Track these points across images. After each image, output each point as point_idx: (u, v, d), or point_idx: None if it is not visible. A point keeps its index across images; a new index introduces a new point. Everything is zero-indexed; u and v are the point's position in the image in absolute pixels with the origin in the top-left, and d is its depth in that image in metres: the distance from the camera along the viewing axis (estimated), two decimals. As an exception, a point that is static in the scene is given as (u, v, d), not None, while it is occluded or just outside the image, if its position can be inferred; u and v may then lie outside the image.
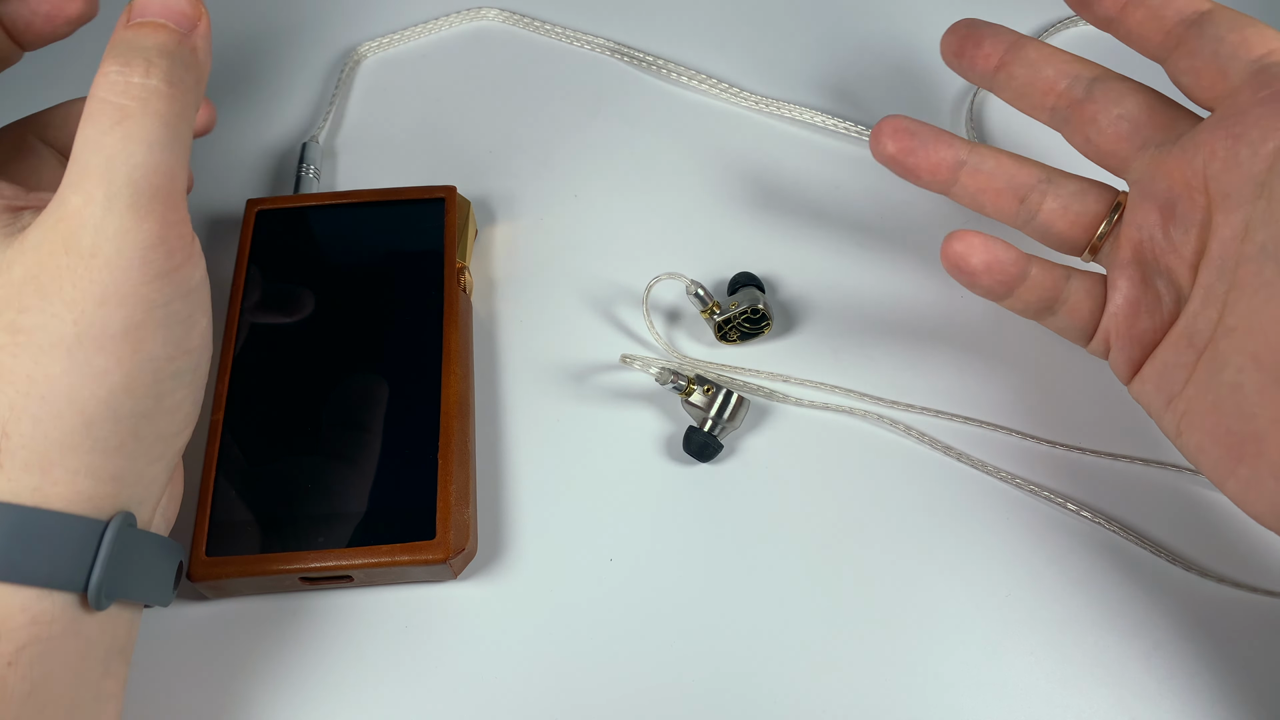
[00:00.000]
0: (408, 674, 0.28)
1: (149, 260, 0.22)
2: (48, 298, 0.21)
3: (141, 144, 0.22)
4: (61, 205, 0.22)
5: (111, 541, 0.22)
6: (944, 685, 0.28)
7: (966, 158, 0.30)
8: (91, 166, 0.22)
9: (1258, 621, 0.29)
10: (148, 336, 0.23)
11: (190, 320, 0.24)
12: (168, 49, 0.23)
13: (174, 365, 0.24)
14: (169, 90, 0.23)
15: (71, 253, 0.21)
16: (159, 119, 0.22)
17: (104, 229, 0.22)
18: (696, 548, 0.30)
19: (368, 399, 0.31)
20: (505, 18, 0.43)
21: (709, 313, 0.33)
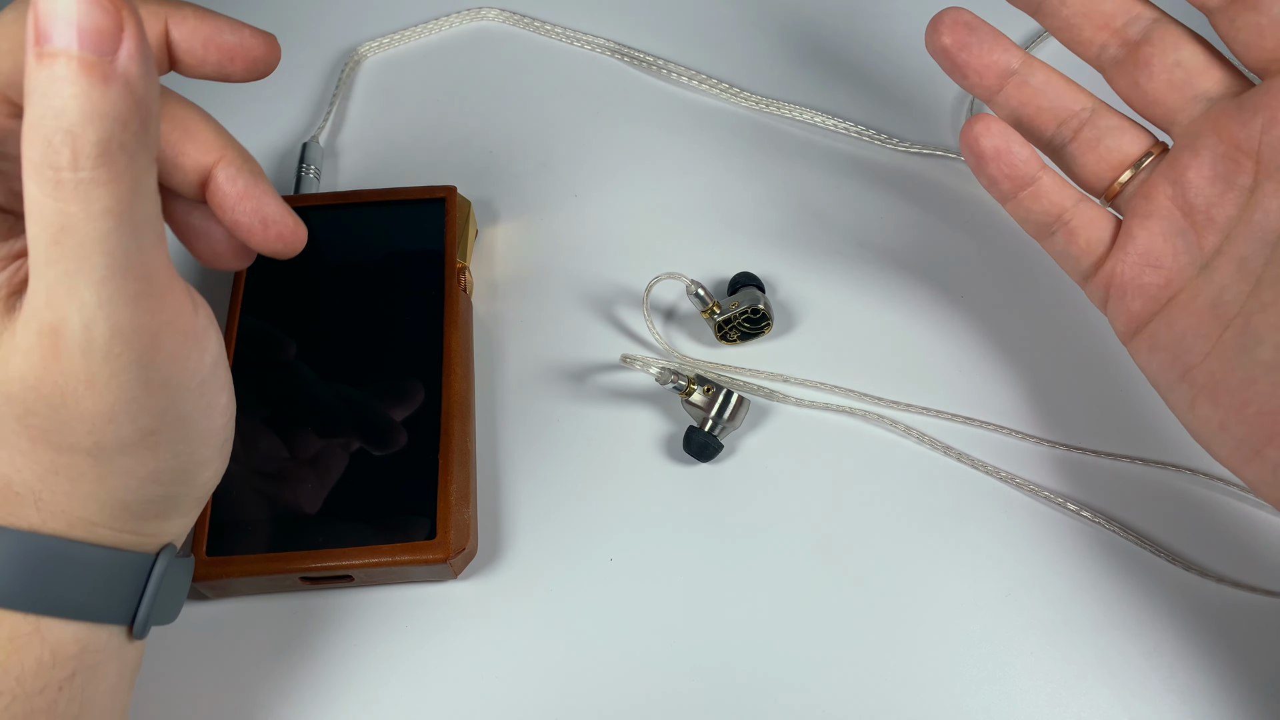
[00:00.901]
0: (408, 673, 0.28)
1: (150, 372, 0.20)
2: (54, 408, 0.19)
3: (100, 257, 0.18)
4: (38, 317, 0.19)
5: (159, 578, 0.23)
6: (944, 685, 0.28)
7: (1018, 68, 0.29)
8: (56, 285, 0.18)
9: (1258, 621, 0.29)
10: (168, 435, 0.21)
11: (209, 406, 0.22)
12: (93, 108, 0.17)
13: (202, 451, 0.22)
14: (110, 174, 0.17)
15: (67, 375, 0.19)
16: (110, 216, 0.18)
17: (92, 353, 0.19)
18: (696, 548, 0.30)
19: (368, 399, 0.31)
20: (505, 18, 0.43)
21: (709, 313, 0.33)
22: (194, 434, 0.21)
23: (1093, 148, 0.28)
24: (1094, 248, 0.28)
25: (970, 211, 0.37)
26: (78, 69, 0.17)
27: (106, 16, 0.17)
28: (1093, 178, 0.28)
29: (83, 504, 0.21)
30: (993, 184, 0.29)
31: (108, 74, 0.17)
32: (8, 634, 0.20)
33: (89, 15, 0.17)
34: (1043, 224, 0.29)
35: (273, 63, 0.25)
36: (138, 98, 0.17)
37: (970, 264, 0.36)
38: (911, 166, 0.39)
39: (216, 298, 0.35)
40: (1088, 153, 0.28)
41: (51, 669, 0.21)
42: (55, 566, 0.21)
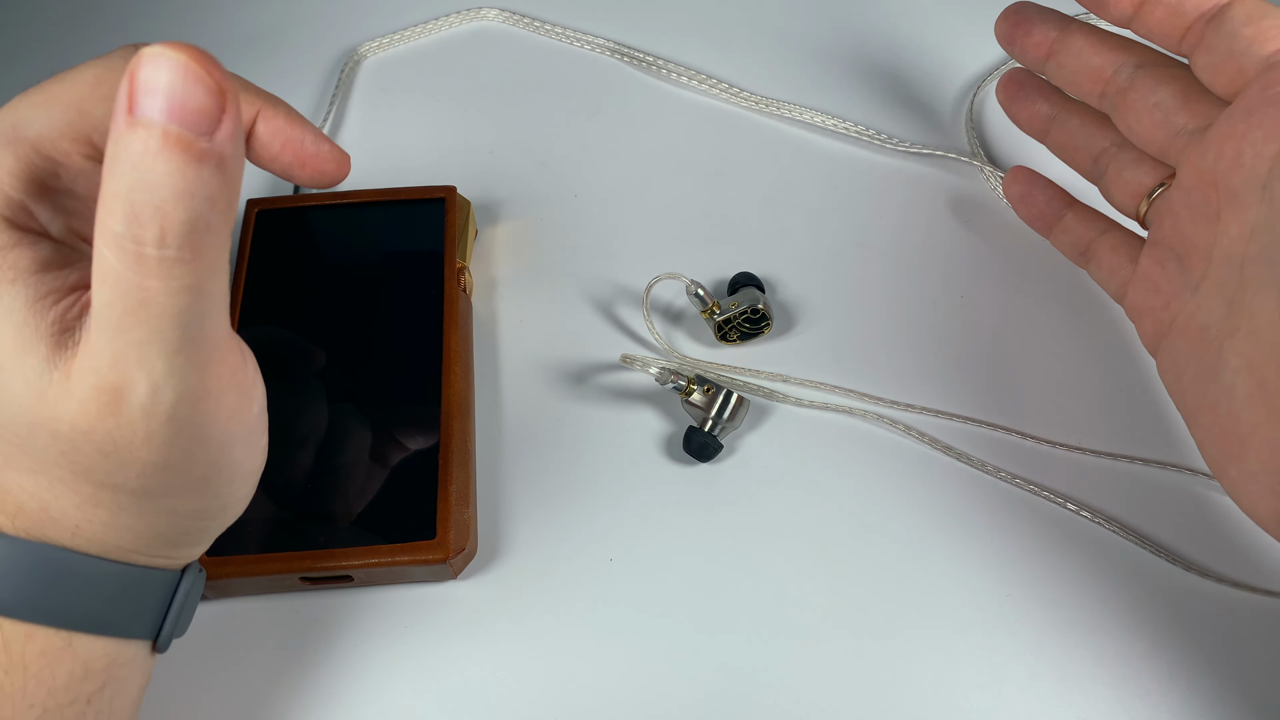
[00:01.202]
0: (408, 674, 0.28)
1: (208, 429, 0.20)
2: (105, 454, 0.19)
3: (175, 330, 0.18)
4: (100, 375, 0.18)
5: (184, 595, 0.23)
6: (944, 684, 0.28)
7: (1057, 113, 0.32)
8: (127, 352, 0.18)
9: (1258, 621, 0.29)
10: (215, 480, 0.21)
11: (253, 449, 0.22)
12: (185, 187, 0.17)
13: (241, 490, 0.22)
14: (194, 253, 0.17)
15: (124, 430, 0.19)
16: (189, 293, 0.18)
17: (155, 416, 0.19)
18: (696, 548, 0.30)
19: (368, 399, 0.31)
20: (505, 18, 0.43)
21: (709, 313, 0.33)
22: (237, 476, 0.22)
23: (1117, 180, 0.30)
24: (1119, 273, 0.30)
25: (970, 211, 0.37)
26: (174, 146, 0.16)
27: (211, 97, 0.16)
28: (1125, 207, 0.30)
29: (119, 534, 0.21)
30: (1029, 223, 0.34)
31: (203, 153, 0.17)
32: (40, 648, 0.20)
33: (194, 94, 0.16)
34: (1076, 253, 0.32)
35: (339, 178, 0.25)
36: (228, 178, 0.17)
37: (970, 264, 0.36)
38: (911, 166, 0.39)
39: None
40: (1115, 185, 0.30)
41: (82, 682, 0.21)
42: (88, 585, 0.21)
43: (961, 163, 0.38)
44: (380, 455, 0.30)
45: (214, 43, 0.43)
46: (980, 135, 0.39)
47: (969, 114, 0.40)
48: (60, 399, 0.18)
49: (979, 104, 0.40)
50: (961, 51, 0.42)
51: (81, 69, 0.20)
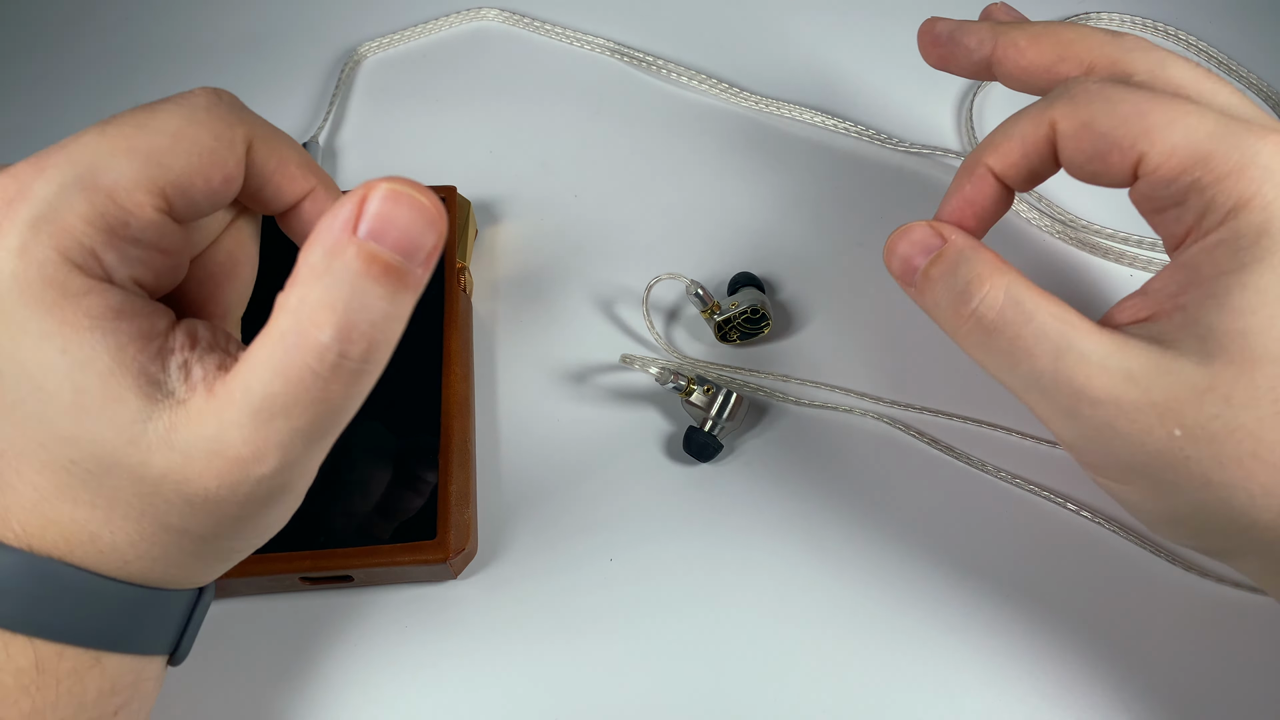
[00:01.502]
0: (408, 674, 0.28)
1: (300, 493, 0.21)
2: (191, 505, 0.20)
3: (335, 429, 0.20)
4: (227, 445, 0.19)
5: (203, 611, 0.24)
6: (944, 684, 0.28)
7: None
8: (281, 439, 0.19)
9: (1258, 621, 0.29)
10: (274, 523, 0.22)
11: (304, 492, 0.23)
12: (395, 313, 0.18)
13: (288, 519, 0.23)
14: (378, 369, 0.19)
15: (227, 488, 0.19)
16: (360, 399, 0.19)
17: (270, 485, 0.20)
18: (696, 547, 0.30)
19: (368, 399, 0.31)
20: (505, 18, 0.43)
21: (709, 313, 0.33)
22: (286, 516, 0.22)
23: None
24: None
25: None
26: (395, 276, 0.17)
27: (434, 239, 0.17)
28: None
29: (165, 570, 0.21)
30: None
31: (415, 282, 0.18)
32: (71, 666, 0.21)
33: (422, 229, 0.17)
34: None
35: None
36: (416, 298, 0.18)
37: (970, 264, 0.36)
38: (911, 166, 0.39)
39: (216, 298, 0.35)
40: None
41: (111, 697, 0.22)
42: (119, 610, 0.21)
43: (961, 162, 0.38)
44: (380, 456, 0.30)
45: (215, 44, 0.43)
46: (980, 135, 0.39)
47: (969, 114, 0.40)
48: (157, 448, 0.19)
49: (979, 104, 0.40)
50: (961, 51, 0.42)
51: (161, 115, 0.20)
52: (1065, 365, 0.22)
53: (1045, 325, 0.23)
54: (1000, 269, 0.23)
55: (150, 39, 0.43)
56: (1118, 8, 0.43)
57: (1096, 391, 0.22)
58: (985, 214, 0.26)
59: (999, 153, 0.25)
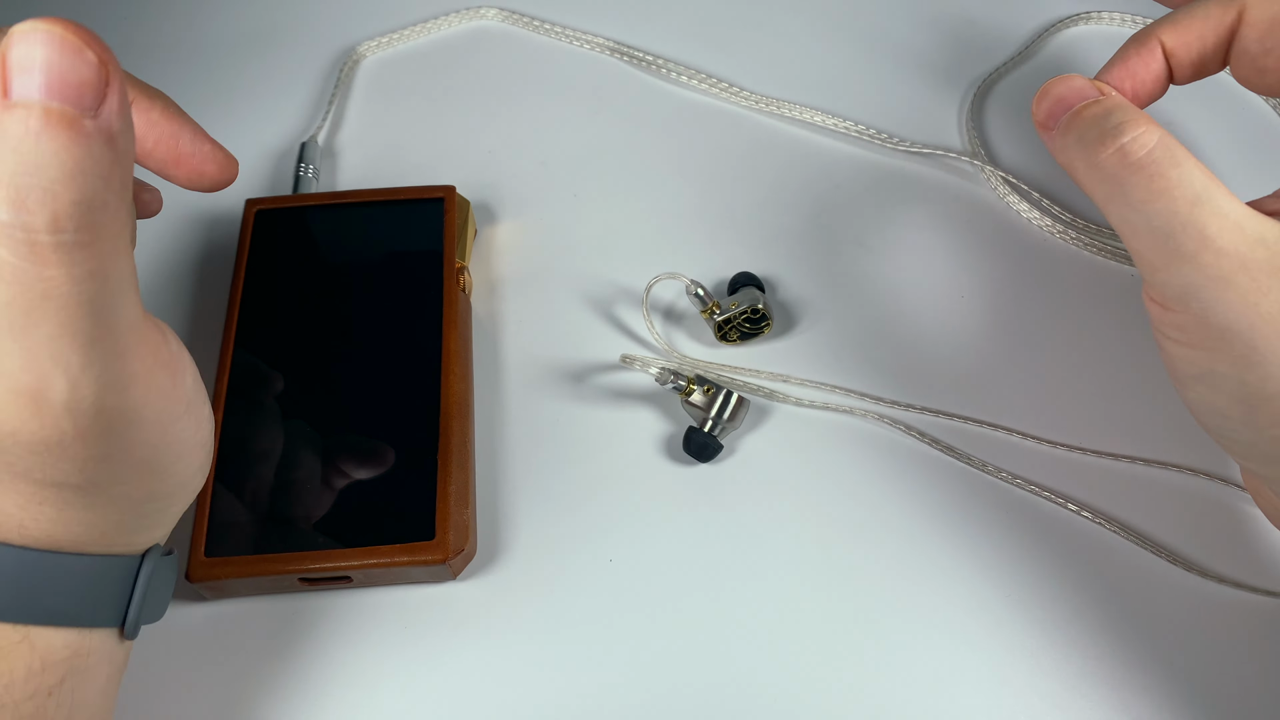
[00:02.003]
0: (407, 674, 0.28)
1: (141, 412, 0.19)
2: (37, 454, 0.18)
3: (85, 321, 0.17)
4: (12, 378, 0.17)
5: (146, 580, 0.22)
6: (944, 685, 0.28)
7: None
8: (38, 351, 0.17)
9: (1258, 621, 0.29)
10: (161, 460, 0.21)
11: (197, 422, 0.21)
12: (75, 165, 0.15)
13: (193, 464, 0.22)
14: (92, 235, 0.16)
15: (53, 429, 0.18)
16: (94, 278, 0.16)
17: (81, 412, 0.18)
18: (696, 548, 0.30)
19: (367, 399, 0.31)
20: (505, 17, 0.43)
21: (709, 313, 0.33)
22: (185, 451, 0.21)
23: None
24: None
25: (970, 211, 0.37)
26: (58, 123, 0.15)
27: (91, 70, 0.15)
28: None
29: (70, 528, 0.20)
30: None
31: (91, 129, 0.16)
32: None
33: (74, 68, 0.15)
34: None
35: (222, 183, 0.24)
36: (120, 151, 0.16)
37: (970, 264, 0.36)
38: (911, 166, 0.38)
39: (215, 296, 0.35)
40: None
41: (41, 675, 0.21)
42: (41, 578, 0.20)
43: (961, 163, 0.38)
44: (379, 456, 0.30)
45: (214, 43, 0.43)
46: (980, 135, 0.39)
47: (969, 114, 0.40)
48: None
49: (979, 104, 0.40)
50: (961, 51, 0.42)
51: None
52: (1201, 212, 0.22)
53: (1192, 174, 0.23)
54: (1156, 124, 0.24)
55: (150, 38, 0.43)
56: (1118, 7, 0.43)
57: (1224, 243, 0.22)
58: (1141, 90, 0.26)
59: (1178, 29, 0.25)
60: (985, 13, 0.43)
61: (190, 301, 0.35)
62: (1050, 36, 0.42)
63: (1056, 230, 0.36)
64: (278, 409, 0.31)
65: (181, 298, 0.35)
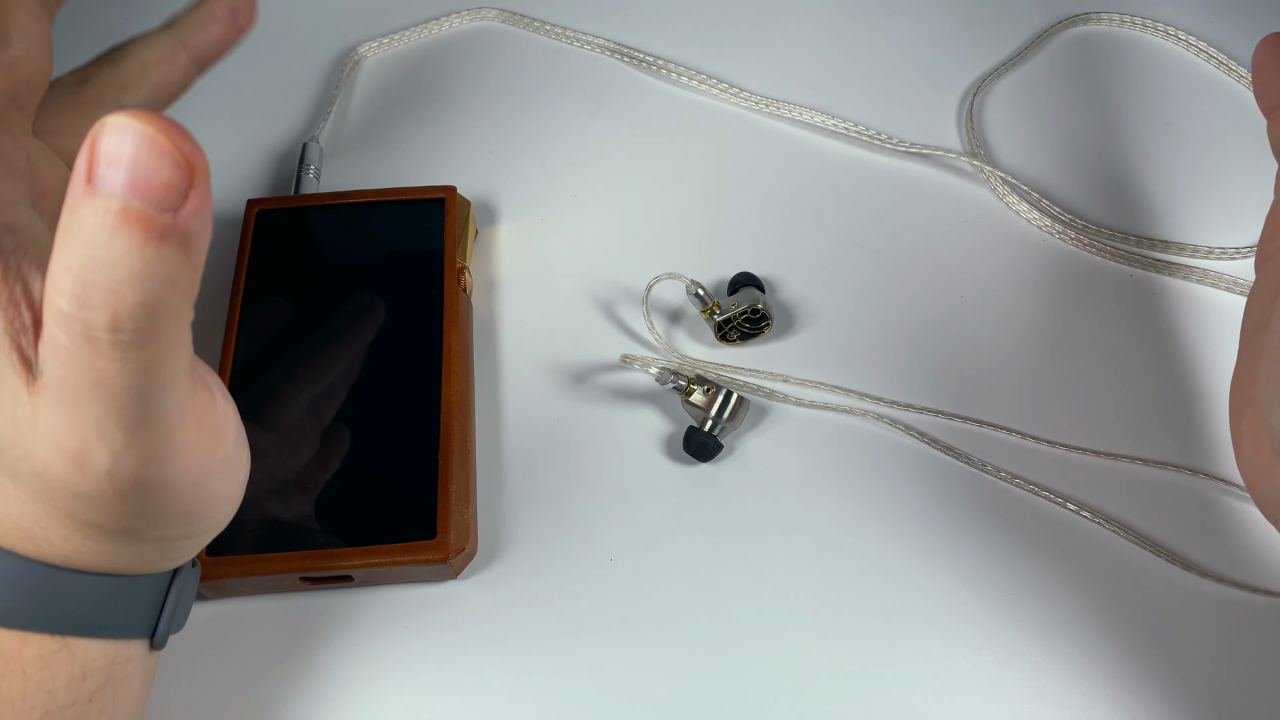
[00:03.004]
0: (408, 674, 0.28)
1: (181, 478, 0.19)
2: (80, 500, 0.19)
3: (134, 408, 0.17)
4: (59, 440, 0.17)
5: (177, 595, 0.23)
6: (943, 685, 0.28)
7: None
8: (86, 427, 0.17)
9: (1258, 621, 0.29)
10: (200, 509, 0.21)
11: (235, 473, 0.21)
12: (144, 268, 0.15)
13: (227, 507, 0.22)
14: (149, 336, 0.16)
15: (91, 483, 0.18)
16: (146, 374, 0.16)
17: (121, 479, 0.18)
18: (696, 548, 0.30)
19: (368, 399, 0.31)
20: (505, 18, 0.43)
21: (709, 313, 0.33)
22: (224, 500, 0.21)
23: None
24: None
25: (970, 211, 0.37)
26: (134, 222, 0.15)
27: (178, 172, 0.15)
28: None
29: (110, 560, 0.21)
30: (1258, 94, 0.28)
31: (165, 231, 0.15)
32: (37, 652, 0.20)
33: (159, 169, 0.15)
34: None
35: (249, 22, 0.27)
36: (193, 254, 0.16)
37: (970, 264, 0.36)
38: (911, 166, 0.39)
39: (214, 297, 0.35)
40: None
41: (82, 683, 0.21)
42: (79, 595, 0.21)
43: (961, 163, 0.38)
44: (380, 455, 0.30)
45: (214, 43, 0.43)
46: (980, 135, 0.39)
47: (969, 114, 0.40)
48: (34, 437, 0.18)
49: (979, 104, 0.40)
50: (961, 51, 0.42)
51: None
52: None
53: None
54: None
55: (150, 39, 0.43)
56: (1118, 8, 0.43)
57: None
58: None
59: None
60: (985, 13, 0.43)
61: (191, 301, 0.35)
62: (1050, 36, 0.42)
63: (1056, 230, 0.36)
64: (278, 409, 0.31)
65: (182, 298, 0.35)
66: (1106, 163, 0.38)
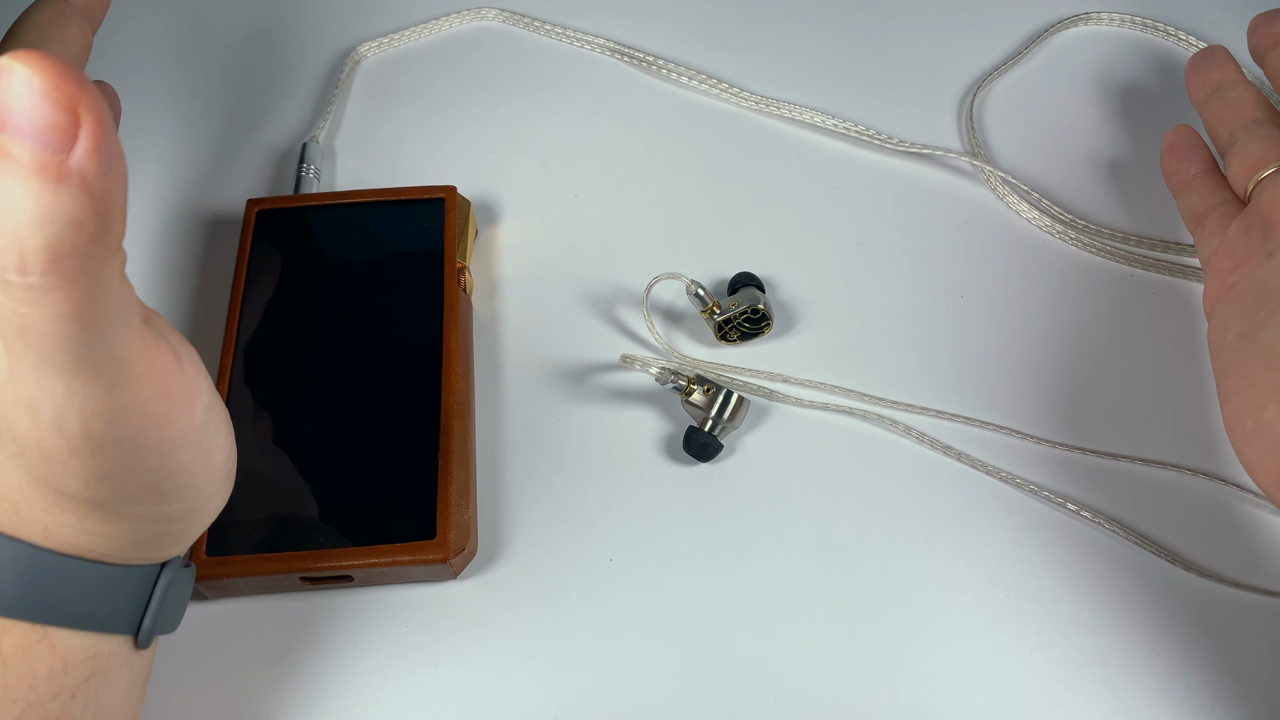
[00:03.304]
0: (408, 674, 0.28)
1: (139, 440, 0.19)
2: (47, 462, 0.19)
3: (63, 355, 0.17)
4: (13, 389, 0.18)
5: (163, 591, 0.23)
6: (944, 685, 0.28)
7: (1227, 85, 0.33)
8: (25, 375, 0.17)
9: (1258, 621, 0.29)
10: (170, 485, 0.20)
11: (208, 450, 0.21)
12: (42, 212, 0.15)
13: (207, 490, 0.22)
14: (61, 280, 0.16)
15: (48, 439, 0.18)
16: (68, 319, 0.16)
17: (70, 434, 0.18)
18: (696, 548, 0.30)
19: (368, 399, 0.31)
20: (505, 18, 0.43)
21: (709, 313, 0.33)
22: (195, 479, 0.21)
23: (1239, 155, 0.31)
24: (1214, 239, 0.31)
25: (970, 211, 0.37)
26: (21, 167, 0.15)
27: (61, 112, 0.15)
28: (1235, 180, 0.31)
29: (91, 539, 0.21)
30: (1165, 177, 0.34)
31: (60, 174, 0.15)
32: (17, 642, 0.20)
33: (41, 109, 0.14)
34: (1191, 217, 0.33)
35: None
36: (95, 197, 0.15)
37: (969, 264, 0.36)
38: (911, 166, 0.39)
39: (214, 297, 0.35)
40: (1235, 159, 0.31)
41: (63, 676, 0.21)
42: (60, 581, 0.21)
43: (961, 163, 0.38)
44: (380, 455, 0.30)
45: (214, 43, 0.43)
46: (980, 135, 0.39)
47: (969, 114, 0.40)
48: (3, 392, 0.18)
49: (979, 104, 0.40)
50: (961, 51, 0.42)
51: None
52: None
53: None
54: None
55: (151, 38, 0.43)
56: (1118, 8, 0.43)
57: None
58: None
59: None
60: (984, 13, 0.43)
61: (191, 301, 0.35)
62: (1050, 36, 0.42)
63: (1056, 230, 0.36)
64: (279, 408, 0.31)
65: (183, 297, 0.35)
66: (1106, 163, 0.38)
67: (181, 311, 0.35)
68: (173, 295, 0.35)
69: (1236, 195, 0.32)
